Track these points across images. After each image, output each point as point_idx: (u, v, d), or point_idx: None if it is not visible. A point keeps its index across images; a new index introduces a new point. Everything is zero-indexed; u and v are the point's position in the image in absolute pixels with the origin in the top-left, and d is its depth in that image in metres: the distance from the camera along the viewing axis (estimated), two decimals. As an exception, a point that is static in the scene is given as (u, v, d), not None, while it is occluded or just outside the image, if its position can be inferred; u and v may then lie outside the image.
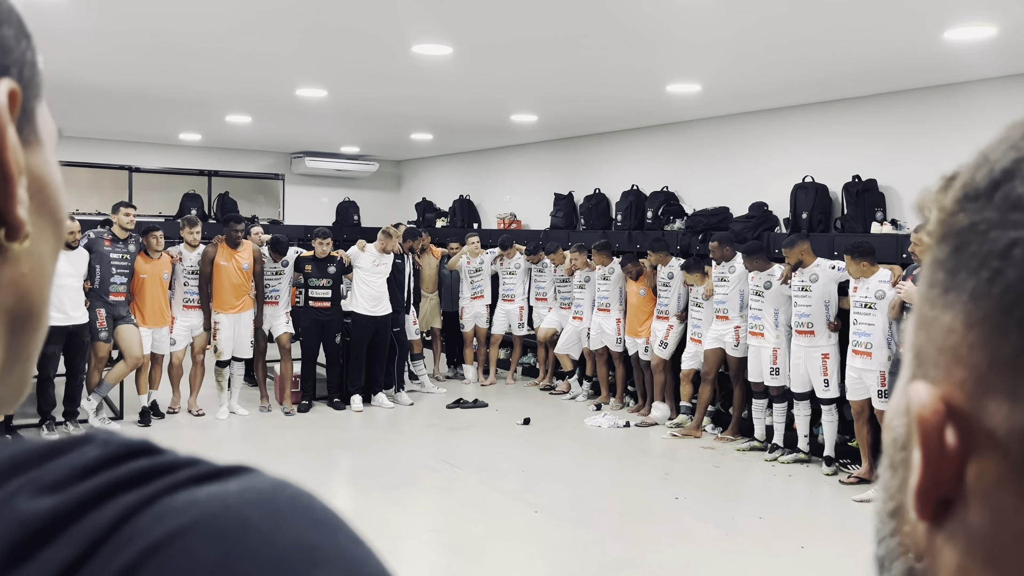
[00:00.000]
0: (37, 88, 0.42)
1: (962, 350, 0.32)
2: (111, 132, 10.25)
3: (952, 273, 0.33)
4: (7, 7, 0.41)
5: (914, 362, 0.36)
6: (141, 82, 6.79)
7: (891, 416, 0.38)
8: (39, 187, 0.41)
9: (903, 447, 0.36)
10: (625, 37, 4.95)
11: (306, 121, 8.76)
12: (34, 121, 0.42)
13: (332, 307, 7.65)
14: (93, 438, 0.33)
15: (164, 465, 0.32)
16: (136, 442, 0.34)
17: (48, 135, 0.43)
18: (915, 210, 0.39)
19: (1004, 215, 0.32)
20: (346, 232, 11.28)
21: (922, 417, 0.33)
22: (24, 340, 0.42)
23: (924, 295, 0.36)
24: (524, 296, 8.97)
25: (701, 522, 4.97)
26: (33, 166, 0.41)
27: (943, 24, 4.51)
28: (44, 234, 0.42)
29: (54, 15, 4.64)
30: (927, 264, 0.36)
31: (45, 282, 0.43)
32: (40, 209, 0.41)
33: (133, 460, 0.32)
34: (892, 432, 0.37)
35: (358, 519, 1.95)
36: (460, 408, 7.87)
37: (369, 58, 5.67)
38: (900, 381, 0.38)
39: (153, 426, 6.94)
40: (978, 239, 0.32)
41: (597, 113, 7.94)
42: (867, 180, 6.47)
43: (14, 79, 0.39)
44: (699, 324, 6.99)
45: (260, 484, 0.33)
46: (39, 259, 0.42)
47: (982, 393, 0.32)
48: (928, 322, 0.35)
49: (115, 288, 6.72)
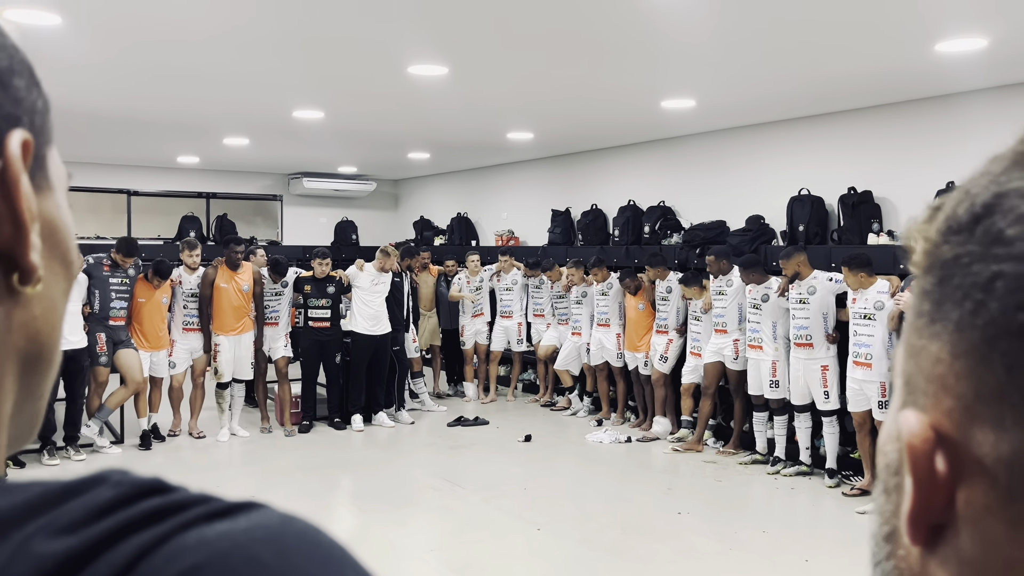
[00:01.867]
0: (48, 135, 0.43)
1: (949, 379, 0.33)
2: (109, 156, 10.29)
3: (938, 304, 0.34)
4: (19, 57, 0.42)
5: (904, 389, 0.37)
6: (139, 106, 6.83)
7: (884, 441, 0.38)
8: (51, 231, 0.43)
9: (896, 472, 0.36)
10: (619, 55, 4.99)
11: (303, 142, 8.80)
12: (45, 167, 0.43)
13: (332, 327, 7.65)
14: (107, 478, 0.34)
15: (176, 503, 0.33)
16: (148, 480, 0.34)
17: (59, 180, 0.45)
18: (903, 240, 0.40)
19: (986, 249, 0.32)
20: (345, 251, 11.30)
21: (912, 445, 0.34)
22: (36, 380, 0.43)
23: (912, 324, 0.37)
24: (522, 312, 8.98)
25: (704, 537, 4.95)
26: (45, 211, 0.42)
27: (934, 37, 4.55)
28: (55, 277, 0.43)
29: (52, 41, 4.68)
30: (915, 294, 0.37)
31: (56, 323, 0.44)
32: (52, 252, 0.43)
33: (146, 499, 0.33)
34: (885, 457, 0.38)
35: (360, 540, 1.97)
36: (461, 426, 7.86)
37: (365, 79, 5.71)
38: (892, 407, 0.39)
39: (154, 449, 6.92)
40: (962, 271, 0.33)
41: (593, 130, 7.98)
42: (863, 192, 6.50)
43: (26, 128, 0.41)
44: (698, 338, 6.99)
45: (268, 520, 0.33)
46: (51, 301, 0.43)
47: (969, 422, 0.32)
48: (916, 351, 0.36)
49: (115, 313, 6.73)
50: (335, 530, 1.54)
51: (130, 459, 6.65)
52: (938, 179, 5.93)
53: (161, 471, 3.71)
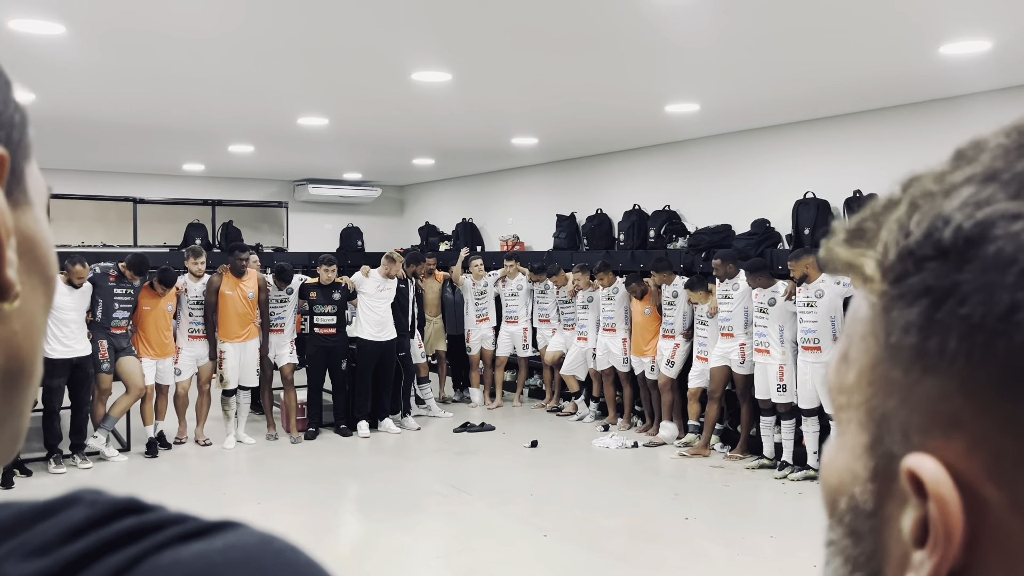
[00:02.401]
0: (26, 149, 0.43)
1: (964, 417, 0.31)
2: (115, 164, 10.33)
3: (926, 336, 0.32)
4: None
5: (876, 428, 0.35)
6: (144, 114, 6.85)
7: (844, 482, 0.36)
8: (29, 246, 0.42)
9: (871, 514, 0.35)
10: (622, 59, 4.99)
11: (308, 149, 8.81)
12: (23, 182, 0.42)
13: (337, 333, 7.65)
14: (80, 498, 0.33)
15: (151, 524, 0.32)
16: (123, 500, 0.34)
17: (38, 194, 0.44)
18: (830, 267, 0.38)
19: (997, 276, 0.31)
20: (350, 258, 11.32)
21: (940, 496, 0.31)
22: (17, 396, 0.43)
23: (883, 359, 0.34)
24: (527, 318, 8.97)
25: (712, 543, 4.93)
26: (23, 227, 0.41)
27: (939, 39, 4.53)
28: (35, 292, 0.42)
29: (56, 50, 4.70)
30: (878, 325, 0.35)
31: (36, 338, 0.44)
32: (31, 268, 0.42)
33: (120, 519, 0.32)
34: (850, 499, 0.36)
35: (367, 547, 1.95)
36: (467, 432, 7.84)
37: (369, 86, 5.72)
38: (842, 443, 0.36)
39: (160, 457, 6.92)
40: (966, 302, 0.31)
41: (597, 134, 7.98)
42: (869, 194, 6.47)
43: (2, 143, 0.40)
44: (705, 342, 6.97)
45: (245, 541, 0.33)
46: (30, 316, 0.42)
47: (996, 460, 0.31)
48: (903, 387, 0.33)
49: (116, 323, 6.76)
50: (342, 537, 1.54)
51: (136, 467, 6.66)
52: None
53: (167, 479, 3.73)
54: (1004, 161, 0.34)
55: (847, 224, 0.37)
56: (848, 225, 0.37)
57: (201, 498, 5.81)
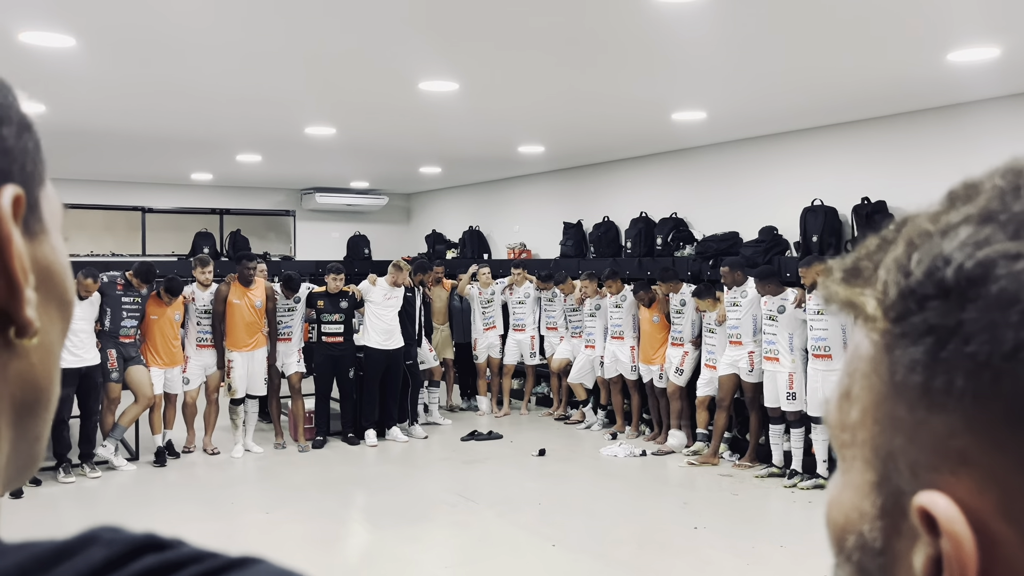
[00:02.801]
0: (40, 175, 0.43)
1: (972, 453, 0.32)
2: (124, 174, 10.38)
3: (932, 375, 0.32)
4: (5, 102, 0.41)
5: (883, 465, 0.35)
6: (153, 125, 6.88)
7: (851, 520, 0.36)
8: (47, 275, 0.42)
9: (880, 552, 0.35)
10: (629, 67, 4.99)
11: (315, 158, 8.84)
12: (39, 210, 0.42)
13: (345, 342, 7.66)
14: (98, 538, 0.33)
15: (171, 563, 0.32)
16: (140, 538, 0.33)
17: (53, 218, 0.44)
18: (824, 298, 0.38)
19: (1001, 315, 0.31)
20: (357, 266, 11.34)
21: (953, 533, 0.31)
22: (33, 423, 0.43)
23: (887, 396, 0.34)
24: (535, 325, 8.96)
25: (721, 552, 4.90)
26: (40, 257, 0.42)
27: (947, 46, 4.52)
28: (52, 321, 0.43)
29: (67, 62, 4.73)
30: (881, 363, 0.35)
31: (53, 367, 0.44)
32: (48, 296, 0.42)
33: (139, 558, 0.32)
34: (858, 537, 0.36)
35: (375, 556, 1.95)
36: (475, 440, 7.83)
37: (376, 96, 5.74)
38: (847, 481, 0.36)
39: (169, 466, 6.93)
40: (972, 341, 0.31)
41: (604, 142, 7.98)
42: (877, 202, 6.46)
43: (17, 177, 0.40)
44: (713, 350, 6.96)
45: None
46: (48, 347, 0.43)
47: (1007, 496, 0.31)
48: (909, 425, 0.34)
49: (125, 332, 6.78)
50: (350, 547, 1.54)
51: (145, 476, 6.66)
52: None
53: (176, 488, 3.73)
54: (1000, 202, 0.34)
55: (843, 263, 0.37)
56: (844, 264, 0.37)
57: (209, 507, 5.81)
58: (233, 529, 5.35)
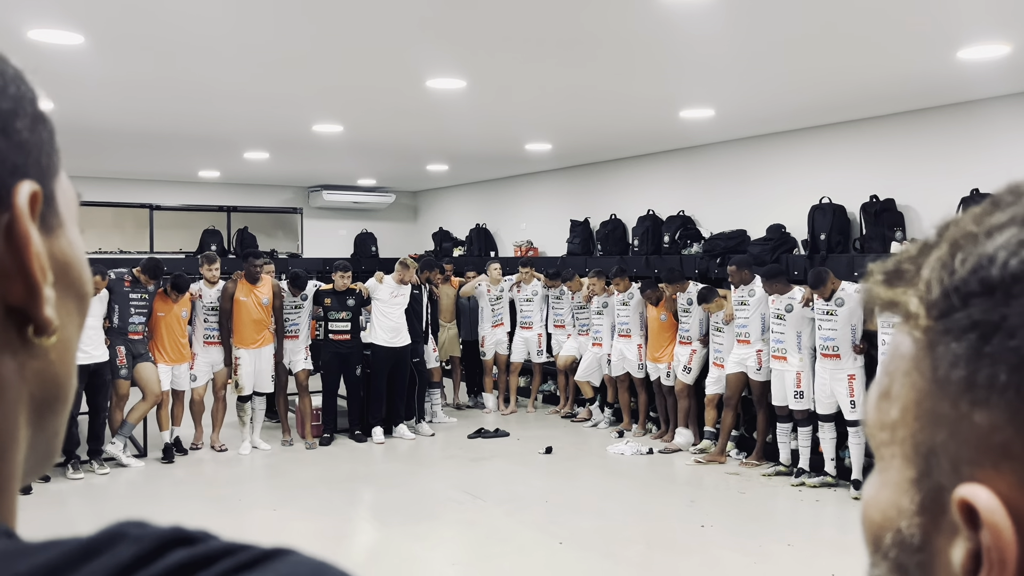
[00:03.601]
0: (55, 166, 0.42)
1: (1016, 447, 0.32)
2: (132, 172, 10.41)
3: (975, 369, 0.33)
4: (20, 94, 0.41)
5: (923, 461, 0.35)
6: (160, 122, 6.90)
7: (889, 517, 0.37)
8: (65, 270, 0.42)
9: (919, 549, 0.35)
10: (637, 65, 4.98)
11: (323, 156, 8.85)
12: (55, 204, 0.42)
13: (352, 339, 7.67)
14: (125, 535, 0.32)
15: (203, 557, 0.32)
16: (168, 533, 0.33)
17: (69, 210, 0.43)
18: (870, 307, 0.39)
19: None
20: (364, 263, 11.34)
21: (994, 524, 0.32)
22: (51, 420, 0.43)
23: (930, 393, 0.35)
24: (542, 323, 8.96)
25: (729, 551, 4.90)
26: (57, 252, 0.41)
27: (956, 44, 4.50)
28: (70, 316, 0.42)
29: (75, 60, 4.74)
30: (923, 360, 0.35)
31: (71, 363, 0.43)
32: (66, 291, 0.42)
33: (169, 553, 0.32)
34: (895, 534, 0.36)
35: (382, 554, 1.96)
36: (481, 438, 7.84)
37: (384, 93, 5.74)
38: (886, 479, 0.37)
39: (176, 462, 6.95)
40: (1015, 334, 0.32)
41: (611, 140, 7.97)
42: (885, 199, 6.43)
43: (33, 171, 0.40)
44: (720, 348, 6.94)
45: (301, 571, 0.32)
46: (66, 343, 0.42)
47: None
48: (951, 420, 0.34)
49: (133, 328, 6.81)
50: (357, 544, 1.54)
51: (153, 473, 6.69)
52: (961, 186, 5.87)
53: (184, 485, 3.75)
54: None
55: (883, 266, 0.38)
56: (885, 267, 0.38)
57: (217, 504, 5.83)
58: (241, 526, 5.36)
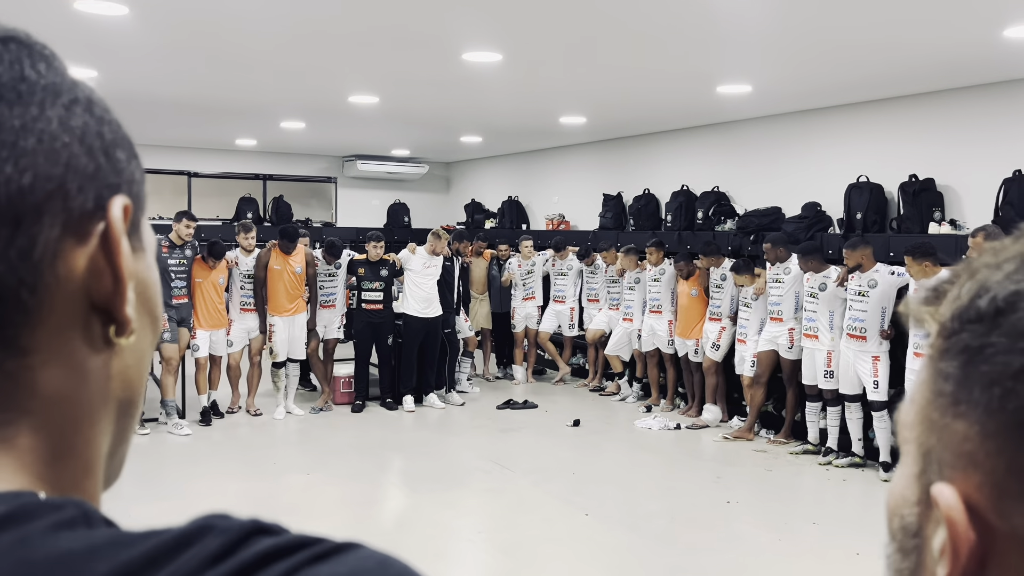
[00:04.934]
0: (143, 204, 0.48)
1: (979, 456, 0.37)
2: (171, 139, 10.56)
3: (961, 386, 0.38)
4: (121, 133, 0.47)
5: (923, 460, 0.40)
6: (200, 92, 6.99)
7: (899, 504, 0.42)
8: (142, 289, 0.47)
9: (915, 534, 0.40)
10: (675, 40, 4.94)
11: (358, 126, 8.90)
12: (140, 232, 0.48)
13: (384, 309, 7.77)
14: (213, 527, 0.37)
15: (282, 547, 0.36)
16: (249, 524, 0.38)
17: (150, 244, 0.49)
18: (905, 319, 0.44)
19: (1013, 342, 0.36)
20: (397, 234, 11.43)
21: (951, 518, 0.37)
22: (127, 424, 0.48)
23: (930, 402, 0.40)
24: (575, 297, 8.99)
25: (753, 527, 4.94)
26: (138, 271, 0.46)
27: (1003, 22, 4.41)
28: (144, 331, 0.48)
29: (119, 30, 4.82)
30: (930, 373, 0.40)
31: (144, 372, 0.49)
32: (143, 308, 0.47)
33: (253, 543, 0.36)
34: (901, 519, 0.41)
35: (411, 521, 2.06)
36: (510, 409, 7.92)
37: (420, 66, 5.76)
38: (902, 471, 0.42)
39: (214, 425, 7.13)
40: (988, 360, 0.37)
41: (646, 114, 7.92)
42: (925, 179, 6.34)
43: (126, 195, 0.46)
44: (746, 325, 6.93)
45: (369, 564, 0.36)
46: (141, 352, 0.48)
47: (999, 495, 0.36)
48: (939, 427, 0.39)
49: (176, 292, 6.93)
50: (386, 510, 1.62)
51: (192, 435, 6.84)
52: (1003, 167, 5.76)
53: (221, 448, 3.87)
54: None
55: (931, 284, 0.43)
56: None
57: (252, 467, 5.98)
58: (275, 488, 5.51)
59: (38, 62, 0.44)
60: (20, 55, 0.44)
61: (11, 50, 0.44)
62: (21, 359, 0.41)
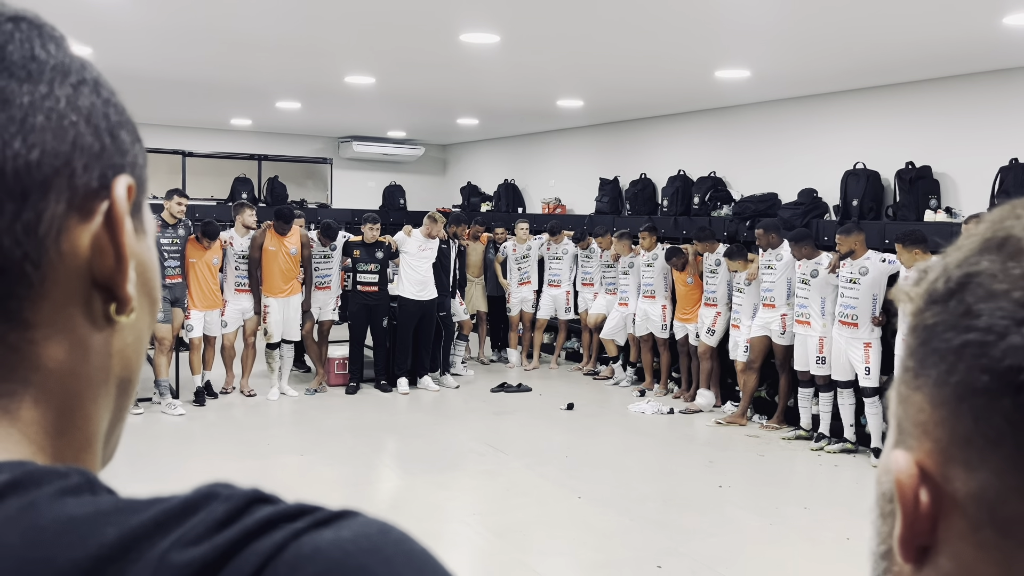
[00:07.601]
0: (144, 187, 0.49)
1: (929, 426, 0.40)
2: (165, 118, 10.48)
3: (920, 361, 0.41)
4: (126, 115, 0.48)
5: (896, 430, 0.43)
6: (196, 71, 6.94)
7: (880, 472, 0.45)
8: (142, 270, 0.48)
9: (890, 500, 0.43)
10: (673, 23, 4.92)
11: (354, 107, 8.86)
12: (141, 214, 0.49)
13: (379, 291, 7.77)
14: (217, 494, 0.38)
15: (284, 514, 0.38)
16: (251, 493, 0.39)
17: (150, 226, 0.50)
18: (892, 299, 0.47)
19: (958, 320, 0.39)
20: (392, 216, 11.40)
21: (900, 481, 0.40)
22: (124, 403, 0.49)
23: (900, 376, 0.43)
24: (571, 281, 9.00)
25: (745, 511, 4.97)
26: (139, 252, 0.47)
27: (1003, 9, 4.39)
28: (143, 311, 0.48)
29: (114, 8, 4.78)
30: (903, 350, 0.43)
31: (142, 352, 0.50)
32: (142, 289, 0.48)
33: (255, 510, 0.38)
34: (881, 486, 0.44)
35: (404, 502, 2.07)
36: (504, 392, 7.95)
37: (417, 47, 5.72)
38: (887, 445, 0.45)
39: (208, 406, 7.14)
40: (939, 337, 0.40)
41: (644, 98, 7.89)
42: (921, 167, 6.34)
43: (130, 175, 0.46)
44: (739, 310, 6.95)
45: (368, 530, 0.38)
46: (139, 332, 0.49)
47: (945, 462, 0.40)
48: (904, 399, 0.42)
49: (170, 271, 6.91)
50: (380, 491, 1.64)
51: (186, 415, 6.85)
52: (1000, 155, 5.77)
53: (215, 428, 3.89)
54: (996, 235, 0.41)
55: (921, 265, 0.46)
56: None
57: (246, 447, 6.00)
58: (268, 469, 5.52)
59: (48, 42, 0.45)
60: (31, 35, 0.44)
61: (22, 29, 0.44)
62: (24, 332, 0.42)
